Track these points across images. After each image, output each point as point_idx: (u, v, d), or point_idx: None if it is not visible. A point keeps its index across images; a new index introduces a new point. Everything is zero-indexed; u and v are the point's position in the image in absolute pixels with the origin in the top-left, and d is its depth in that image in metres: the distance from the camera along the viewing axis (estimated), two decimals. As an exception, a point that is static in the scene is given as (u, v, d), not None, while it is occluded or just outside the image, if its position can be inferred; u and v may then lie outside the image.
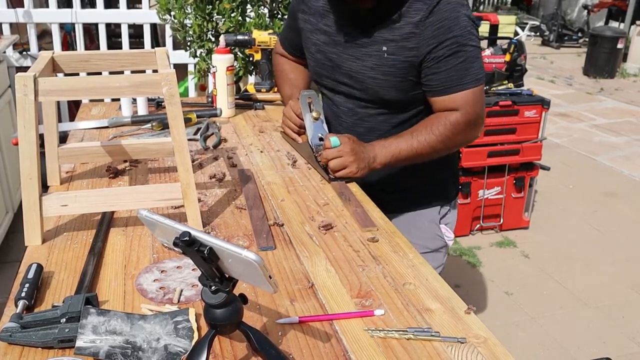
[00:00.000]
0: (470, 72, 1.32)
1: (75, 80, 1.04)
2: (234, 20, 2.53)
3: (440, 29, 1.28)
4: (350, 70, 1.41)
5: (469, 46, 1.31)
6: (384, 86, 1.38)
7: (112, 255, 1.06)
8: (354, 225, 1.20)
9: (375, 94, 1.40)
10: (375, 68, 1.37)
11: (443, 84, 1.33)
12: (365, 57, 1.38)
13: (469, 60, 1.31)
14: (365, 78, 1.39)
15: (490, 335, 0.87)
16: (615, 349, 2.47)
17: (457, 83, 1.32)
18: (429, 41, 1.29)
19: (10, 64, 3.34)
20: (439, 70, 1.32)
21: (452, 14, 1.29)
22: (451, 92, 1.33)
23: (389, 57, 1.34)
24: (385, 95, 1.39)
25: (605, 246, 3.36)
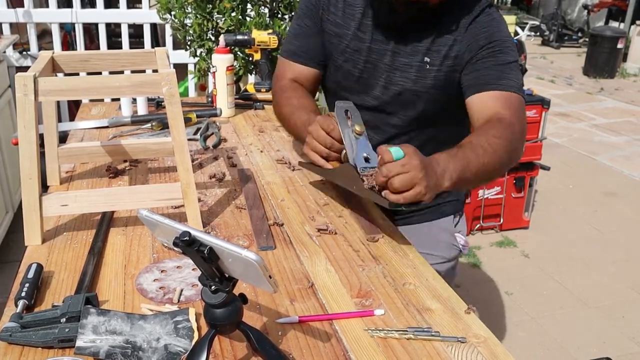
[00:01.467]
0: (512, 76, 1.23)
1: (75, 80, 1.04)
2: (234, 20, 2.53)
3: (482, 34, 1.25)
4: (387, 81, 1.31)
5: (511, 54, 1.25)
6: (423, 99, 1.30)
7: (112, 255, 1.06)
8: (354, 225, 1.20)
9: (412, 107, 1.32)
10: (417, 80, 1.28)
11: (480, 80, 1.23)
12: (406, 68, 1.29)
13: (508, 67, 1.24)
14: (404, 90, 1.30)
15: (490, 335, 0.87)
16: (615, 349, 2.47)
17: (497, 80, 1.22)
18: (471, 46, 1.25)
19: (10, 63, 3.34)
20: (477, 68, 1.24)
21: (494, 23, 1.27)
22: (492, 88, 1.22)
23: (431, 68, 1.27)
24: (422, 108, 1.31)
25: (605, 246, 3.36)
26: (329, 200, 1.32)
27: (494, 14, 1.28)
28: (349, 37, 1.34)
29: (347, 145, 1.17)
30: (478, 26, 1.26)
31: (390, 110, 1.35)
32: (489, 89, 1.22)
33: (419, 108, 1.32)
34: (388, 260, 1.08)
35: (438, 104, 1.31)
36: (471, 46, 1.25)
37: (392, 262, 1.07)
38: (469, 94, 1.25)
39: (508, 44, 1.25)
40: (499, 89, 1.22)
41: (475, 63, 1.24)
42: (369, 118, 1.31)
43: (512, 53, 1.26)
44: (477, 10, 1.27)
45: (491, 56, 1.24)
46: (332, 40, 1.37)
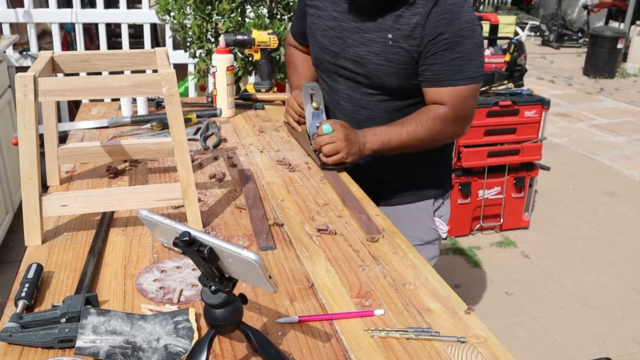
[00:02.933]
0: (465, 69, 1.34)
1: (75, 80, 1.04)
2: (233, 21, 2.53)
3: (442, 21, 1.30)
4: (355, 55, 1.43)
5: (469, 42, 1.32)
6: (387, 72, 1.40)
7: (112, 255, 1.06)
8: (354, 225, 1.20)
9: (378, 79, 1.42)
10: (380, 54, 1.39)
11: (435, 76, 1.36)
12: (370, 43, 1.40)
13: (465, 58, 1.33)
14: (369, 63, 1.41)
15: (490, 335, 0.87)
16: (615, 349, 2.47)
17: (448, 78, 1.34)
18: (431, 31, 1.31)
19: (10, 64, 3.34)
20: (434, 62, 1.34)
21: (455, 7, 1.31)
22: (441, 85, 1.36)
23: (394, 44, 1.36)
24: (387, 81, 1.41)
25: (605, 246, 3.36)
26: (329, 200, 1.32)
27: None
28: (327, 17, 1.49)
29: (307, 116, 1.55)
30: (440, 10, 1.31)
31: (361, 81, 1.46)
32: (439, 86, 1.36)
33: (385, 81, 1.42)
34: (388, 260, 1.08)
35: (403, 79, 1.40)
36: (431, 32, 1.32)
37: (392, 262, 1.07)
38: (424, 85, 1.39)
39: (466, 32, 1.31)
40: (447, 84, 1.35)
41: (433, 55, 1.33)
42: (343, 88, 1.52)
43: (471, 38, 1.32)
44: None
45: (448, 49, 1.31)
46: (315, 20, 1.53)
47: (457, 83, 1.35)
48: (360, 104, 1.50)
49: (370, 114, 1.49)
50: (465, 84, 1.35)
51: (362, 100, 1.49)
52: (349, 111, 1.52)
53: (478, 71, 1.36)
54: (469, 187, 3.23)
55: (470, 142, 3.13)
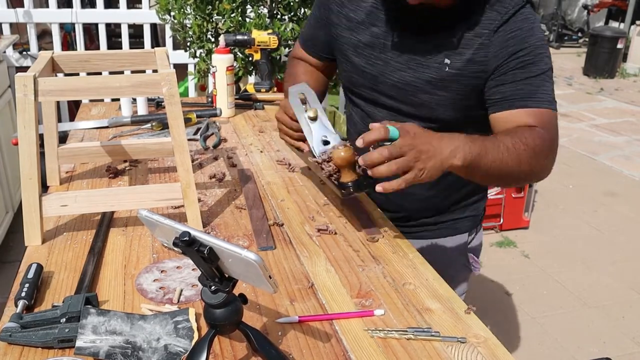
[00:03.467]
0: (545, 89, 1.11)
1: (75, 80, 1.04)
2: (234, 21, 2.53)
3: (513, 39, 1.10)
4: (400, 81, 1.20)
5: (543, 62, 1.11)
6: (441, 104, 1.17)
7: (112, 255, 1.06)
8: (354, 225, 1.20)
9: (428, 112, 1.19)
10: (434, 82, 1.16)
11: (509, 96, 1.11)
12: (421, 69, 1.17)
13: (541, 78, 1.10)
14: (418, 92, 1.18)
15: (490, 335, 0.87)
16: (615, 349, 2.47)
17: (529, 97, 1.10)
18: (500, 52, 1.11)
19: (10, 64, 3.34)
20: (506, 82, 1.11)
21: (526, 24, 1.12)
22: (519, 106, 1.10)
23: (451, 71, 1.14)
24: (440, 113, 1.19)
25: (605, 246, 3.36)
26: (329, 200, 1.32)
27: (530, 15, 1.13)
28: (360, 30, 1.24)
29: (305, 132, 1.17)
30: (509, 29, 1.11)
31: (406, 112, 1.22)
32: (518, 107, 1.10)
33: (438, 113, 1.19)
34: (388, 260, 1.08)
35: (460, 111, 1.18)
36: (500, 53, 1.11)
37: (392, 262, 1.07)
38: (495, 110, 1.13)
39: (541, 51, 1.11)
40: (529, 106, 1.10)
41: (504, 75, 1.11)
42: (383, 116, 1.24)
43: (545, 60, 1.12)
44: (510, 10, 1.12)
45: (522, 67, 1.10)
46: (344, 33, 1.27)
47: (538, 105, 1.10)
48: None
49: None
50: (547, 107, 1.10)
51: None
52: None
53: (554, 97, 1.13)
54: (469, 187, 3.23)
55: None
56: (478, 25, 1.12)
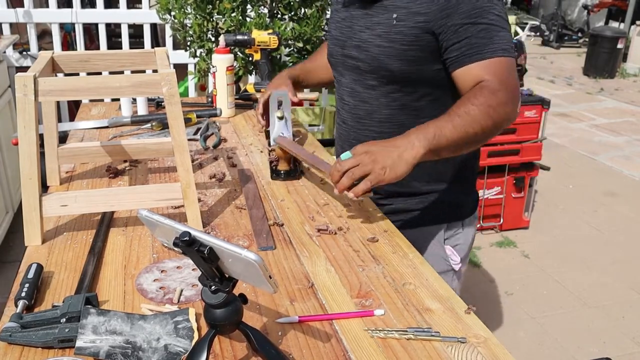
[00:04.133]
0: (496, 40, 1.17)
1: (75, 80, 1.04)
2: (234, 20, 2.53)
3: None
4: (360, 40, 1.32)
5: (492, 12, 1.17)
6: (390, 54, 1.26)
7: (112, 255, 1.06)
8: (354, 225, 1.20)
9: (379, 63, 1.28)
10: (383, 35, 1.27)
11: (464, 52, 1.19)
12: (375, 26, 1.29)
13: (492, 29, 1.17)
14: (372, 46, 1.29)
15: (490, 335, 0.87)
16: (615, 349, 2.47)
17: (480, 51, 1.17)
18: (443, 7, 1.18)
19: (10, 64, 3.34)
20: (458, 39, 1.18)
21: None
22: (474, 60, 1.18)
23: (398, 24, 1.24)
24: (389, 64, 1.27)
25: (605, 246, 3.36)
26: (329, 200, 1.32)
27: None
28: (341, 9, 1.41)
29: (271, 125, 1.53)
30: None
31: (363, 69, 1.33)
32: (472, 61, 1.18)
33: (387, 64, 1.27)
34: (388, 260, 1.08)
35: (407, 62, 1.25)
36: (444, 9, 1.18)
37: (392, 262, 1.07)
38: (453, 68, 1.22)
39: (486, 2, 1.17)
40: (483, 58, 1.17)
41: (456, 33, 1.18)
42: (348, 82, 1.40)
43: (494, 9, 1.18)
44: None
45: (472, 23, 1.17)
46: (333, 15, 1.45)
47: (490, 55, 1.17)
48: (361, 98, 1.36)
49: (371, 108, 1.35)
50: (500, 56, 1.17)
51: (364, 93, 1.35)
52: (351, 106, 1.40)
53: (509, 43, 1.19)
54: (469, 187, 3.23)
55: (470, 142, 3.12)
56: None
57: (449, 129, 1.13)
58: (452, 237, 1.41)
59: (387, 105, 1.33)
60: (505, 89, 1.16)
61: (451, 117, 1.14)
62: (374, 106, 1.35)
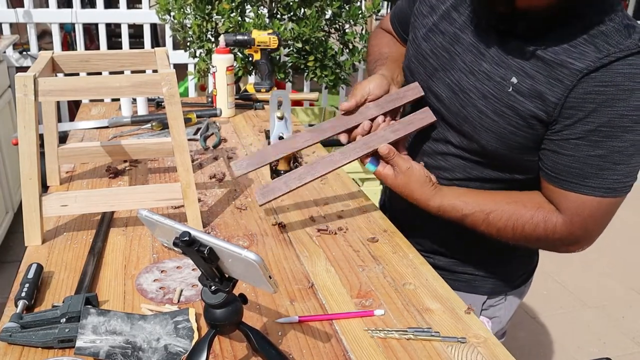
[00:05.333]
0: (608, 175, 0.91)
1: (75, 80, 1.04)
2: (233, 21, 2.53)
3: (599, 95, 0.88)
4: (456, 84, 1.04)
5: (627, 137, 0.89)
6: (489, 128, 1.00)
7: (112, 255, 1.06)
8: (354, 225, 1.20)
9: (471, 129, 1.03)
10: (489, 98, 0.99)
11: (560, 171, 0.95)
12: (483, 78, 1.00)
13: (612, 159, 0.90)
14: (469, 105, 1.01)
15: (490, 335, 0.87)
16: (615, 349, 2.47)
17: (578, 180, 0.94)
18: (576, 103, 0.90)
19: (10, 64, 3.34)
20: (563, 151, 0.94)
21: (627, 82, 0.87)
22: (563, 186, 0.96)
23: (514, 94, 0.95)
24: (482, 137, 1.01)
25: (605, 246, 3.36)
26: (329, 200, 1.32)
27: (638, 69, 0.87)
28: (441, 13, 1.09)
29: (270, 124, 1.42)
30: (602, 79, 0.88)
31: (448, 122, 1.08)
32: (563, 187, 0.96)
33: (480, 137, 1.02)
34: (388, 260, 1.08)
35: (506, 146, 1.00)
36: (574, 108, 0.90)
37: (392, 262, 1.07)
38: (542, 175, 1.00)
39: (630, 122, 0.88)
40: (575, 190, 0.94)
41: (565, 142, 0.92)
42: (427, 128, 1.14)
43: (632, 133, 0.89)
44: (614, 52, 0.88)
45: (592, 142, 0.90)
46: (423, 10, 1.13)
47: (587, 191, 0.93)
48: (436, 148, 1.12)
49: (444, 165, 1.11)
50: (597, 195, 0.93)
51: (440, 144, 1.11)
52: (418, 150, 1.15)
53: (625, 183, 0.92)
54: (469, 187, 3.23)
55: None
56: (569, 54, 0.91)
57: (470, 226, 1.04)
58: (491, 308, 1.23)
59: (463, 169, 1.10)
60: (571, 233, 0.97)
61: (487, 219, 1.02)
62: (448, 164, 1.11)
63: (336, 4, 2.67)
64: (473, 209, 1.03)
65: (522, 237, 1.01)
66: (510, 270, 1.22)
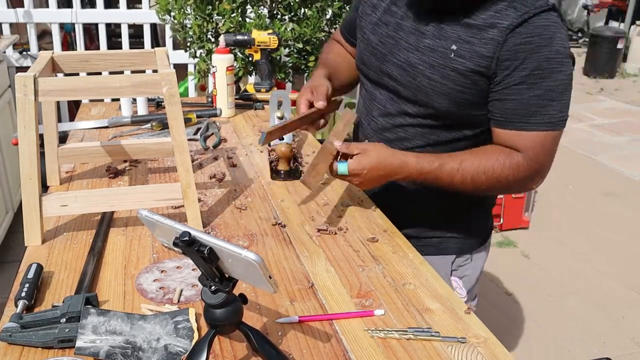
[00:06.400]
0: (546, 111, 1.08)
1: (75, 80, 1.04)
2: (234, 21, 2.53)
3: (527, 45, 1.06)
4: (405, 62, 1.19)
5: (556, 77, 1.07)
6: (438, 91, 1.14)
7: (112, 255, 1.06)
8: (354, 225, 1.20)
9: (425, 97, 1.17)
10: (436, 67, 1.14)
11: (509, 116, 1.11)
12: (427, 51, 1.15)
13: (548, 96, 1.07)
14: (420, 75, 1.16)
15: (490, 335, 0.87)
16: (615, 349, 2.47)
17: (525, 119, 1.09)
18: (509, 55, 1.07)
19: (10, 64, 3.34)
20: (508, 97, 1.09)
21: (546, 32, 1.06)
22: (516, 127, 1.10)
23: (456, 58, 1.11)
24: (435, 101, 1.16)
25: (605, 246, 3.36)
26: (329, 200, 1.32)
27: (552, 23, 1.07)
28: (382, 9, 1.26)
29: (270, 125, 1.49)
30: (525, 32, 1.06)
31: (404, 95, 1.22)
32: (514, 128, 1.11)
33: (434, 101, 1.16)
34: (388, 260, 1.08)
35: (456, 104, 1.15)
36: (509, 58, 1.07)
37: (392, 262, 1.07)
38: (493, 124, 1.15)
39: (556, 63, 1.06)
40: (525, 129, 1.10)
41: (507, 89, 1.09)
42: (382, 99, 1.28)
43: (559, 73, 1.07)
44: (530, 10, 1.07)
45: (530, 84, 1.07)
46: (367, 11, 1.30)
47: (534, 127, 1.09)
48: (395, 122, 1.25)
49: (404, 135, 1.24)
50: (544, 130, 1.09)
51: (398, 117, 1.24)
52: (380, 127, 1.28)
53: (562, 115, 1.09)
54: (469, 187, 3.23)
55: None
56: (495, 18, 1.08)
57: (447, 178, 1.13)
58: (460, 268, 1.34)
59: (421, 136, 1.23)
60: (530, 167, 1.12)
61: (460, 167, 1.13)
62: (408, 134, 1.24)
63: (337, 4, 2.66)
64: (447, 161, 1.14)
65: (494, 180, 1.12)
66: (472, 229, 1.35)
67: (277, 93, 1.54)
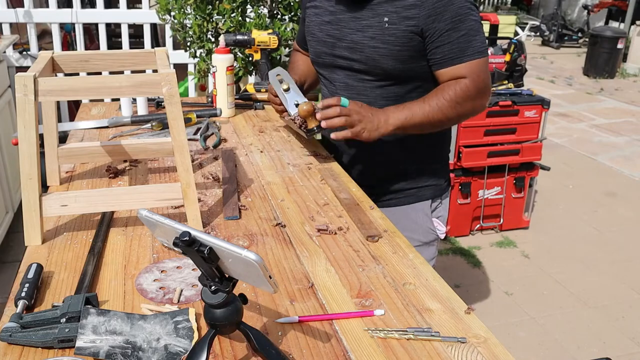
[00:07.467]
0: (473, 44, 1.37)
1: (75, 80, 1.04)
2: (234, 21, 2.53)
3: (439, 2, 1.33)
4: (351, 42, 1.45)
5: (471, 18, 1.35)
6: (384, 54, 1.41)
7: (112, 255, 1.06)
8: (354, 225, 1.20)
9: (374, 63, 1.43)
10: (376, 37, 1.40)
11: (447, 56, 1.38)
12: (367, 29, 1.42)
13: (470, 34, 1.36)
14: (366, 48, 1.42)
15: (490, 335, 0.87)
16: (615, 349, 2.48)
17: (460, 55, 1.37)
18: (429, 13, 1.34)
19: (10, 64, 3.34)
20: (442, 43, 1.36)
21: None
22: (455, 63, 1.38)
23: (390, 27, 1.38)
24: (383, 64, 1.42)
25: (605, 246, 3.36)
26: (329, 200, 1.32)
27: None
28: (324, 13, 1.52)
29: (282, 100, 1.55)
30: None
31: (358, 68, 1.47)
32: (454, 64, 1.38)
33: (382, 63, 1.42)
34: (388, 260, 1.08)
35: (401, 61, 1.41)
36: (430, 14, 1.34)
37: (392, 262, 1.07)
38: (436, 68, 1.41)
39: (466, 9, 1.34)
40: (462, 61, 1.37)
41: (440, 37, 1.36)
42: (340, 77, 1.52)
43: (472, 15, 1.35)
44: None
45: (452, 28, 1.35)
46: (313, 18, 1.56)
47: (468, 58, 1.37)
48: (357, 91, 1.49)
49: (367, 100, 1.46)
50: (476, 58, 1.38)
51: (359, 86, 1.49)
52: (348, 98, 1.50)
53: (483, 45, 1.39)
54: (469, 187, 3.23)
55: (470, 142, 3.12)
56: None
57: (419, 115, 1.38)
58: (436, 210, 1.61)
59: (382, 96, 1.47)
60: (477, 86, 1.39)
61: (424, 105, 1.39)
62: (370, 97, 1.48)
63: (336, 4, 2.66)
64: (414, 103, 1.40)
65: (458, 106, 1.39)
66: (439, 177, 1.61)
67: (275, 71, 1.58)
